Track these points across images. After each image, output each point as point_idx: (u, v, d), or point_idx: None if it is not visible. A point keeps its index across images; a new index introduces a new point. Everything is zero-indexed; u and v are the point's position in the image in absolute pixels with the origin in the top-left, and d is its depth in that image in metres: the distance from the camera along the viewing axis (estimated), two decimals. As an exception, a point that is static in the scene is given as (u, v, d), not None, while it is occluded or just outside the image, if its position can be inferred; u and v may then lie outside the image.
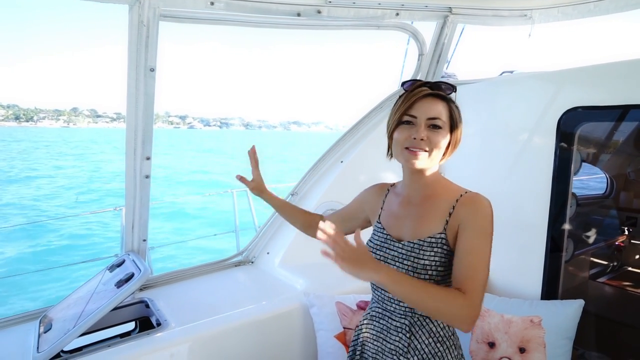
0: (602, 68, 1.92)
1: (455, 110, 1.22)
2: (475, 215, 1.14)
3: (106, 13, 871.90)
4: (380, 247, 1.28)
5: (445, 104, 1.20)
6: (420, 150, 1.16)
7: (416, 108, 1.17)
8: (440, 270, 1.16)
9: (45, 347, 1.69)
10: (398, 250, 1.23)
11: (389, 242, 1.26)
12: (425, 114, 1.16)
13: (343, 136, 2.75)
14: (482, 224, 1.13)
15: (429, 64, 2.55)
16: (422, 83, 1.21)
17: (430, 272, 1.16)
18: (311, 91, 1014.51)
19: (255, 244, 2.81)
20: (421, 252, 1.18)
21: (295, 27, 2.14)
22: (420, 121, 1.17)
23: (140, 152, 2.01)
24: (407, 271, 1.18)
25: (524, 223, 2.17)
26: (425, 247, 1.18)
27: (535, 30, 2.41)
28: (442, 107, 1.19)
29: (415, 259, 1.18)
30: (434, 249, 1.17)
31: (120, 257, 2.25)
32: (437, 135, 1.17)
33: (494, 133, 2.34)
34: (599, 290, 2.60)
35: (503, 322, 1.96)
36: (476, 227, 1.12)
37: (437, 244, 1.17)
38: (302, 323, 2.18)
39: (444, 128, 1.18)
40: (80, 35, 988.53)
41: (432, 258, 1.16)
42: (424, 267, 1.16)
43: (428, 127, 1.17)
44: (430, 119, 1.17)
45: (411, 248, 1.20)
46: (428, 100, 1.18)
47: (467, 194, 1.20)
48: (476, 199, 1.18)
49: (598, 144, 2.37)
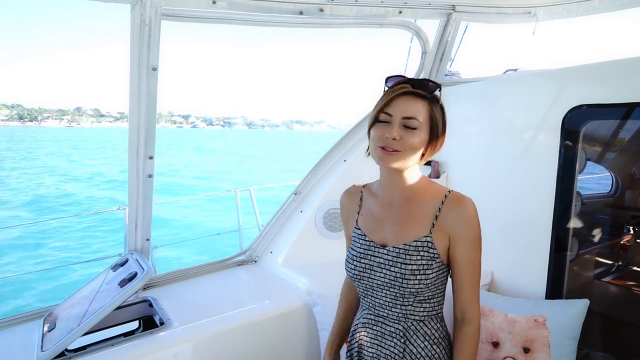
0: (607, 65, 1.90)
1: (436, 110, 1.16)
2: (467, 225, 1.15)
3: (108, 12, 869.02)
4: (364, 255, 1.23)
5: (426, 102, 1.14)
6: (392, 150, 1.12)
7: (393, 106, 1.12)
8: (428, 274, 1.15)
9: (50, 346, 1.70)
10: (383, 256, 1.19)
11: (372, 249, 1.22)
12: (401, 113, 1.11)
13: (346, 135, 2.74)
14: (474, 232, 1.16)
15: (432, 62, 2.54)
16: (404, 80, 1.16)
17: (419, 277, 1.14)
18: (314, 90, 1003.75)
19: (258, 243, 2.81)
20: (407, 257, 1.15)
21: (297, 25, 2.14)
22: (395, 120, 1.12)
23: (143, 151, 2.02)
24: (395, 278, 1.16)
25: (528, 222, 2.16)
26: (411, 251, 1.16)
27: (540, 27, 2.39)
28: (421, 107, 1.13)
29: (402, 264, 1.15)
30: (420, 253, 1.15)
31: (123, 256, 2.25)
32: (412, 135, 1.12)
33: (497, 131, 2.33)
34: (604, 289, 2.59)
35: (507, 321, 1.94)
36: (469, 237, 1.16)
37: (423, 248, 1.15)
38: (305, 322, 2.18)
39: (420, 129, 1.12)
40: (81, 34, 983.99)
41: (419, 262, 1.14)
42: (412, 272, 1.14)
43: (403, 126, 1.11)
44: (406, 118, 1.11)
45: (397, 253, 1.17)
46: (406, 99, 1.12)
47: (451, 195, 1.18)
48: (463, 202, 1.16)
49: (603, 142, 2.35)
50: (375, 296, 1.23)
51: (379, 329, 1.25)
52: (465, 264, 1.17)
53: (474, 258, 1.18)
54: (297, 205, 2.75)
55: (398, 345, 1.21)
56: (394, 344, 1.22)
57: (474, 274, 1.19)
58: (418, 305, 1.19)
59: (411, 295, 1.16)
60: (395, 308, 1.21)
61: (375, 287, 1.22)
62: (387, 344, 1.23)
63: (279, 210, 2.79)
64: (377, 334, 1.25)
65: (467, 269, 1.18)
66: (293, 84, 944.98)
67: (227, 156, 44.37)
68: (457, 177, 2.51)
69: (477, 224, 1.17)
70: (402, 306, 1.19)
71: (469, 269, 1.18)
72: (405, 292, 1.16)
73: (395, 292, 1.18)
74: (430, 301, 1.20)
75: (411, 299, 1.17)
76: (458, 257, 1.17)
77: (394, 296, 1.19)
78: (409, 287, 1.15)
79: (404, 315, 1.20)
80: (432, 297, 1.20)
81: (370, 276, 1.22)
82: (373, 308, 1.26)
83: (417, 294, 1.16)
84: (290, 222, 2.75)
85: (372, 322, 1.27)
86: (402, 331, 1.21)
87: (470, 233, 1.16)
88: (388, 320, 1.23)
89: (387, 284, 1.18)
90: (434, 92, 1.16)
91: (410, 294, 1.16)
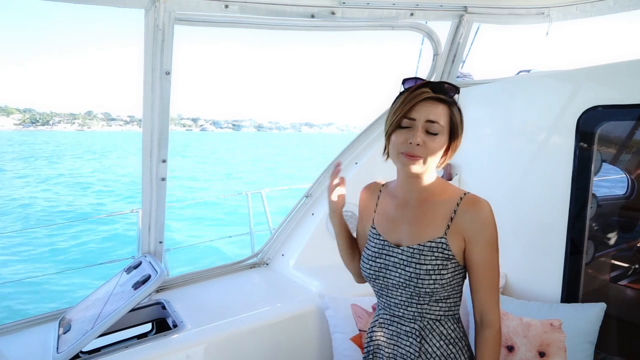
0: (622, 66, 1.88)
1: (456, 113, 1.17)
2: (483, 228, 1.15)
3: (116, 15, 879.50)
4: (378, 255, 1.25)
5: (445, 106, 1.15)
6: (416, 156, 1.13)
7: (415, 111, 1.13)
8: (443, 274, 1.15)
9: (65, 347, 1.72)
10: (398, 256, 1.21)
11: (387, 249, 1.24)
12: (424, 117, 1.12)
13: (357, 137, 2.74)
14: (490, 234, 1.16)
15: (444, 64, 2.53)
16: (423, 83, 1.16)
17: (434, 277, 1.15)
18: (323, 92, 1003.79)
19: (269, 246, 2.82)
20: (422, 257, 1.16)
21: (309, 28, 2.14)
22: (417, 125, 1.13)
23: (156, 155, 2.03)
24: (410, 277, 1.16)
25: (543, 224, 2.13)
26: (425, 251, 1.16)
27: (553, 28, 2.37)
28: (442, 110, 1.14)
29: (417, 264, 1.16)
30: (435, 254, 1.16)
31: (137, 259, 2.27)
32: (434, 141, 1.13)
33: (511, 133, 2.31)
34: (621, 293, 2.54)
35: (522, 325, 1.92)
36: (486, 240, 1.16)
37: (437, 249, 1.16)
38: (317, 325, 2.17)
39: (441, 133, 1.14)
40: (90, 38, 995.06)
41: (434, 262, 1.15)
42: (427, 272, 1.15)
43: (425, 131, 1.13)
44: (429, 121, 1.12)
45: (411, 253, 1.18)
46: (428, 104, 1.13)
47: (466, 197, 1.19)
48: (479, 204, 1.17)
49: (618, 143, 2.32)
50: (391, 296, 1.23)
51: (394, 328, 1.25)
52: (482, 266, 1.17)
53: (491, 260, 1.17)
54: (308, 208, 2.75)
55: (414, 345, 1.21)
56: (410, 343, 1.22)
57: (491, 277, 1.18)
58: (434, 304, 1.19)
59: (427, 295, 1.17)
60: (411, 307, 1.21)
61: (390, 287, 1.22)
62: (403, 344, 1.23)
63: (291, 213, 2.79)
64: (392, 334, 1.26)
65: (485, 272, 1.17)
66: (302, 86, 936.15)
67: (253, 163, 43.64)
68: (470, 179, 2.49)
69: (494, 226, 1.17)
70: (417, 305, 1.19)
71: (486, 271, 1.17)
72: (421, 291, 1.16)
73: (411, 292, 1.18)
74: (446, 301, 1.20)
75: (427, 298, 1.17)
76: (475, 259, 1.17)
77: (410, 295, 1.19)
78: (424, 287, 1.15)
79: (420, 314, 1.20)
80: (449, 297, 1.20)
81: (385, 275, 1.23)
82: (388, 308, 1.26)
83: (432, 293, 1.16)
84: (301, 225, 2.75)
85: (388, 321, 1.27)
86: (418, 330, 1.21)
87: (486, 235, 1.16)
88: (404, 320, 1.23)
89: (403, 283, 1.18)
90: (453, 95, 1.17)
91: (425, 294, 1.16)
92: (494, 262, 1.18)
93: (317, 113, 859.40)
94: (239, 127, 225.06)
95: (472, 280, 1.20)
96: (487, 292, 1.18)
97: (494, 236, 1.17)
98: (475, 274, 1.18)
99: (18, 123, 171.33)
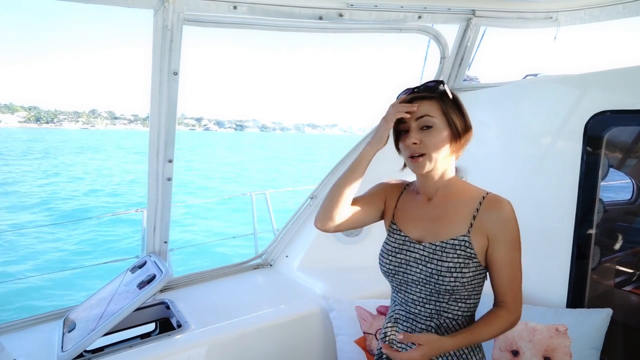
0: (631, 71, 1.87)
1: (447, 105, 1.18)
2: (505, 227, 1.16)
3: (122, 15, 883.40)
4: (399, 250, 1.26)
5: (434, 101, 1.17)
6: (418, 156, 1.17)
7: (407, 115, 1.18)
8: (465, 272, 1.15)
9: (69, 346, 1.72)
10: (420, 252, 1.22)
11: (408, 244, 1.25)
12: (414, 116, 1.17)
13: (363, 140, 2.73)
14: (513, 234, 1.17)
15: (450, 67, 2.53)
16: (409, 91, 1.21)
17: (455, 275, 1.15)
18: (327, 94, 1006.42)
19: (273, 247, 2.82)
20: (444, 255, 1.17)
21: (317, 30, 2.14)
22: (411, 126, 1.17)
23: (162, 155, 2.04)
24: (432, 274, 1.17)
25: (549, 229, 2.12)
26: (448, 249, 1.17)
27: (561, 32, 2.36)
28: (430, 105, 1.17)
29: (438, 261, 1.17)
30: (457, 251, 1.16)
31: (141, 259, 2.27)
32: (430, 135, 1.16)
33: (517, 137, 2.30)
34: (627, 299, 2.53)
35: (527, 330, 1.91)
36: (508, 239, 1.17)
37: (460, 246, 1.17)
38: (321, 327, 2.17)
39: (438, 127, 1.16)
40: (95, 37, 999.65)
41: (456, 260, 1.15)
42: (449, 269, 1.15)
43: (420, 128, 1.17)
44: (419, 118, 1.16)
45: (433, 250, 1.19)
46: (416, 104, 1.17)
47: (489, 196, 1.21)
48: (501, 204, 1.18)
49: (624, 148, 2.31)
50: (409, 292, 1.23)
51: (409, 325, 1.25)
52: (506, 264, 1.17)
53: (514, 258, 1.18)
54: (313, 210, 2.75)
55: None
56: None
57: (515, 275, 1.19)
58: (453, 303, 1.19)
59: (447, 293, 1.17)
60: (429, 304, 1.21)
61: (410, 283, 1.23)
62: None
63: (295, 214, 2.79)
64: (407, 331, 1.25)
65: (509, 270, 1.17)
66: (306, 87, 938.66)
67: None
68: (476, 183, 2.46)
69: (516, 225, 1.18)
70: (436, 302, 1.19)
71: (510, 269, 1.18)
72: (441, 289, 1.16)
73: (431, 289, 1.18)
74: (466, 301, 1.20)
75: (447, 296, 1.17)
76: (498, 258, 1.17)
77: (429, 292, 1.19)
78: (444, 285, 1.15)
79: (437, 312, 1.20)
80: (469, 298, 1.20)
81: (405, 271, 1.23)
82: (405, 304, 1.26)
83: (452, 291, 1.16)
84: (306, 226, 2.75)
85: (403, 318, 1.27)
86: (434, 328, 1.20)
87: (508, 234, 1.16)
88: (420, 317, 1.23)
89: (423, 280, 1.19)
90: (437, 89, 1.19)
91: (445, 292, 1.16)
92: (516, 260, 1.18)
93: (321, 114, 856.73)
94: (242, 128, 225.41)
95: (495, 278, 1.20)
96: (511, 288, 1.18)
97: (516, 235, 1.18)
98: (499, 272, 1.18)
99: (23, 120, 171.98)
